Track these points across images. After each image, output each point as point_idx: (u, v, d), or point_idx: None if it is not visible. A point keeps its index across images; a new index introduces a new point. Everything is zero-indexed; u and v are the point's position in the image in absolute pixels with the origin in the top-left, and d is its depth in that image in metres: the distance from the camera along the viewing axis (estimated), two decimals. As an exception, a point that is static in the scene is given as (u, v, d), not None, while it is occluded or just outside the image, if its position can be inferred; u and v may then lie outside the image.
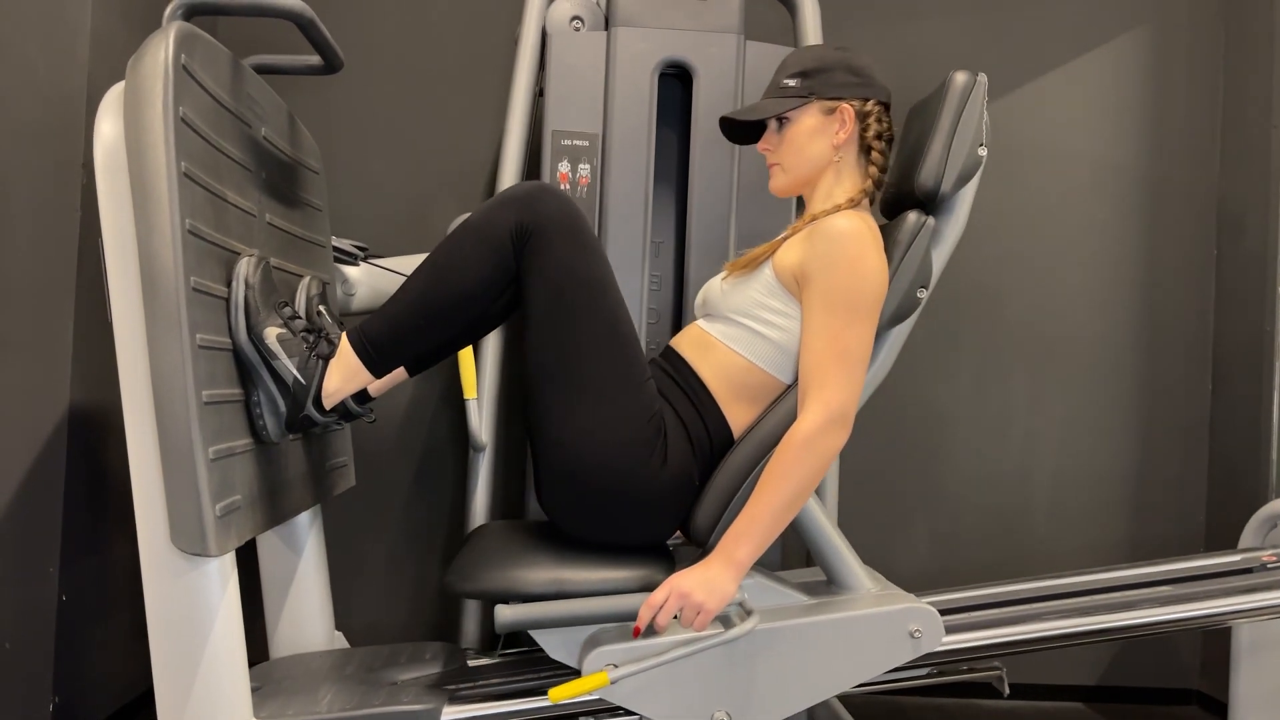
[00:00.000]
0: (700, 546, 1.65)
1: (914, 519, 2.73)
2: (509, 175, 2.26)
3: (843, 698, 2.08)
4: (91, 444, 2.01)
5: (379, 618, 2.64)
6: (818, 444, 1.54)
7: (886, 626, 1.61)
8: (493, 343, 2.28)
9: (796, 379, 1.65)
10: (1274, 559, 1.91)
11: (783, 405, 1.64)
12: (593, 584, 1.58)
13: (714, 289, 1.76)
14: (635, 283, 2.16)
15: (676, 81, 2.24)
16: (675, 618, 1.54)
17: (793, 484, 1.53)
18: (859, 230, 1.59)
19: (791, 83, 1.73)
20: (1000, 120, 2.74)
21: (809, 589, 1.73)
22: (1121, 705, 2.69)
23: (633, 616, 1.54)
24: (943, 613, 1.78)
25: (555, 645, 1.62)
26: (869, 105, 1.72)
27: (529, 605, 1.54)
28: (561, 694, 1.50)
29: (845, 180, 1.73)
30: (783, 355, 1.65)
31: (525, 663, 1.88)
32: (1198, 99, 2.76)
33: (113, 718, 2.16)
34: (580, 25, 2.26)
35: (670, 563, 1.64)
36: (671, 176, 2.27)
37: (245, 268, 1.54)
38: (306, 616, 1.99)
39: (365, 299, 2.24)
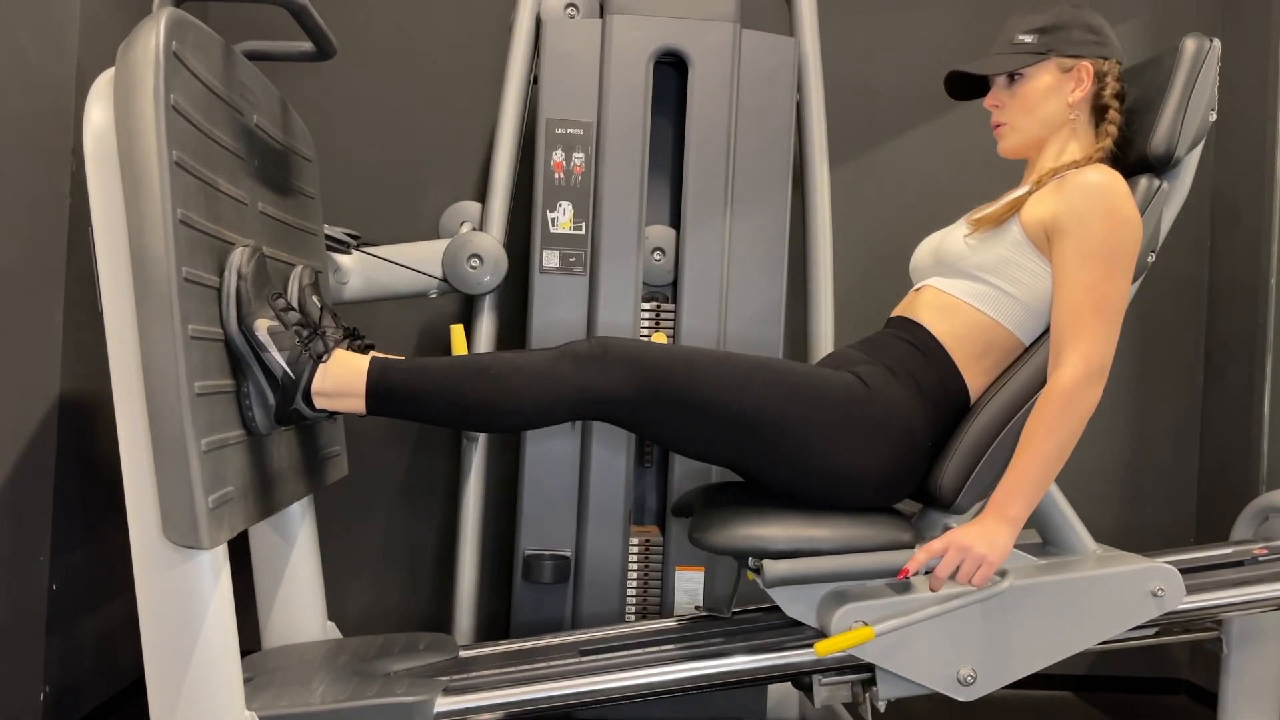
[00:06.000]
0: (946, 506, 1.66)
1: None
2: (503, 163, 2.25)
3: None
4: (82, 433, 2.00)
5: (372, 608, 2.64)
6: (1079, 398, 1.55)
7: (1131, 585, 1.65)
8: (486, 330, 2.28)
9: (1038, 340, 1.66)
10: (1265, 552, 1.91)
11: (1029, 364, 1.65)
12: (841, 541, 1.61)
13: (954, 247, 1.72)
14: (629, 272, 2.15)
15: (672, 69, 2.23)
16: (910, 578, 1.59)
17: (1058, 439, 1.54)
18: (1113, 182, 1.60)
19: (1027, 39, 1.71)
20: (996, 110, 2.72)
21: (1030, 551, 1.74)
22: (1111, 695, 2.70)
23: (892, 573, 1.59)
24: None
25: (794, 603, 1.65)
26: (1107, 64, 1.72)
27: (796, 560, 1.58)
28: (827, 648, 1.54)
29: (1078, 139, 1.73)
30: (1027, 314, 1.66)
31: (519, 654, 1.88)
32: (1193, 90, 2.75)
33: (104, 706, 2.16)
34: (575, 12, 2.24)
35: (907, 521, 1.66)
36: (666, 165, 2.26)
37: (238, 258, 1.52)
38: (299, 607, 1.99)
39: (358, 287, 2.23)
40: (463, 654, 1.88)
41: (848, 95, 2.68)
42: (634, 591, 2.18)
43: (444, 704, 1.61)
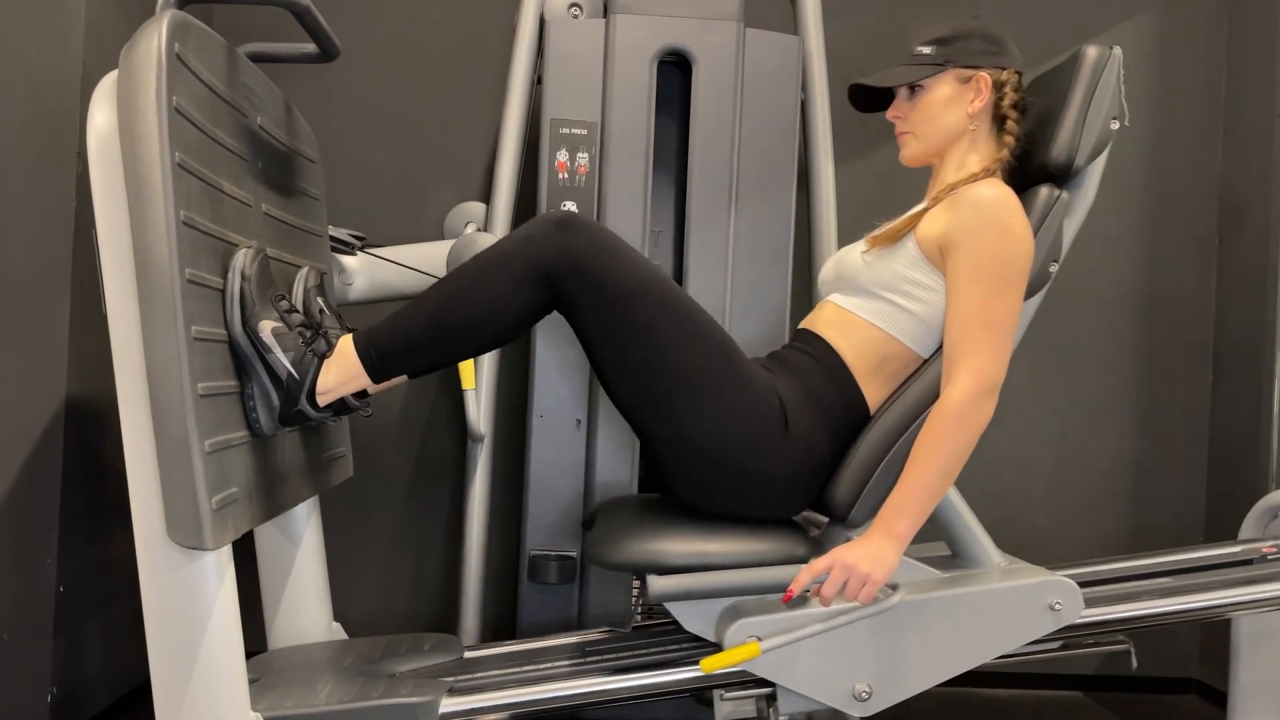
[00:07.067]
0: (840, 520, 1.65)
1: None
2: (507, 164, 2.25)
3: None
4: (88, 435, 2.01)
5: (377, 608, 2.64)
6: (970, 415, 1.54)
7: (1027, 599, 1.62)
8: (491, 332, 2.27)
9: (935, 354, 1.65)
10: (1274, 550, 1.91)
11: (923, 378, 1.63)
12: (734, 556, 1.59)
13: (853, 263, 1.73)
14: (634, 272, 2.15)
15: (676, 69, 2.22)
16: (806, 593, 1.56)
17: (947, 456, 1.54)
18: (1004, 197, 1.59)
19: (926, 50, 1.72)
20: (1001, 108, 2.71)
21: (934, 564, 1.73)
22: (1121, 694, 2.69)
23: (783, 589, 1.56)
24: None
25: (691, 618, 1.63)
26: (1005, 74, 1.72)
27: (681, 576, 1.56)
28: (713, 664, 1.52)
29: (978, 150, 1.73)
30: (924, 329, 1.65)
31: (524, 655, 1.88)
32: (1200, 87, 2.74)
33: (111, 708, 2.16)
34: (579, 12, 2.24)
35: (804, 535, 1.65)
36: (670, 165, 2.26)
37: (242, 260, 1.52)
38: (304, 607, 1.99)
39: (362, 289, 2.23)
40: (468, 654, 1.88)
41: (852, 94, 2.67)
42: (640, 592, 2.18)
43: (449, 704, 1.61)
